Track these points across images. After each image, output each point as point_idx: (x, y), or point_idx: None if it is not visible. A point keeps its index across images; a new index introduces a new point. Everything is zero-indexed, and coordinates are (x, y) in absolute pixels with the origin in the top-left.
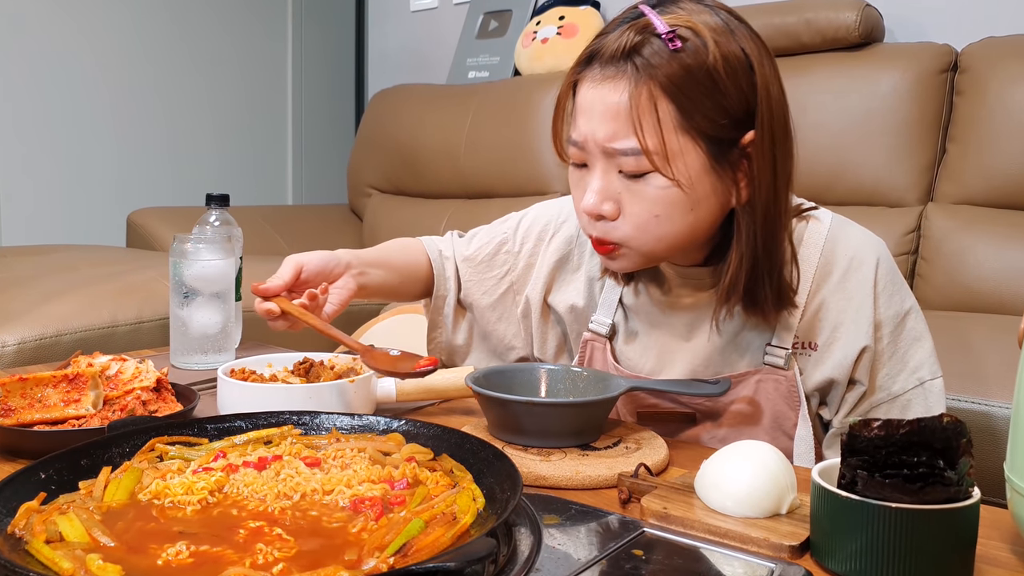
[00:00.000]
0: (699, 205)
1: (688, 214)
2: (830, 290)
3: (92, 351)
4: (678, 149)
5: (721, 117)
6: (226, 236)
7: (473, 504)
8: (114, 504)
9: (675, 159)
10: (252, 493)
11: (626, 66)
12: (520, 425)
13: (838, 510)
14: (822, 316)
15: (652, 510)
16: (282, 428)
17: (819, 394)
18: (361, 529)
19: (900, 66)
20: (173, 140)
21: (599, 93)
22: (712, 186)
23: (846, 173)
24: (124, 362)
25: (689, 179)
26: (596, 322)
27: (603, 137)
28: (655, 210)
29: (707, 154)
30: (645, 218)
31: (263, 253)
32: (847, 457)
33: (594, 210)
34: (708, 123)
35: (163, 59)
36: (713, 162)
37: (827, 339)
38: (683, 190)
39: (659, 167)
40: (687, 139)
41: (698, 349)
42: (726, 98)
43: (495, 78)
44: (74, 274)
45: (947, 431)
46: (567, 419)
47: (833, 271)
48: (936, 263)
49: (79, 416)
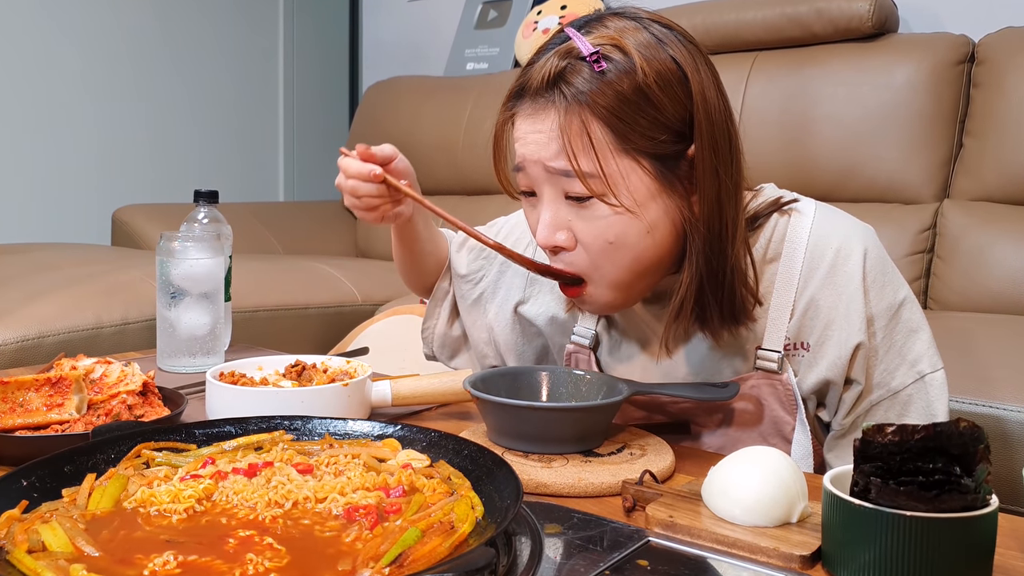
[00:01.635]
0: (655, 228)
1: (644, 237)
2: (818, 287)
3: (76, 353)
4: (618, 172)
5: (659, 133)
6: (215, 234)
7: (471, 512)
8: (99, 512)
9: (617, 184)
10: (242, 501)
11: (553, 95)
12: (521, 430)
13: (851, 519)
14: (812, 315)
15: (657, 519)
16: (273, 434)
17: (816, 396)
18: (355, 539)
19: (915, 57)
20: (160, 134)
21: (532, 125)
22: (663, 206)
23: (859, 169)
24: (109, 365)
25: (635, 203)
26: (578, 333)
27: (545, 156)
28: (608, 236)
29: (652, 173)
30: (600, 245)
31: (253, 252)
32: (860, 464)
33: (547, 242)
34: (647, 141)
35: (149, 51)
36: (661, 181)
37: (819, 338)
38: (632, 214)
39: (599, 194)
40: (628, 161)
41: (688, 355)
42: (662, 113)
43: (494, 70)
44: (57, 273)
45: (964, 436)
46: (569, 424)
47: (819, 267)
48: (953, 262)
49: (62, 421)
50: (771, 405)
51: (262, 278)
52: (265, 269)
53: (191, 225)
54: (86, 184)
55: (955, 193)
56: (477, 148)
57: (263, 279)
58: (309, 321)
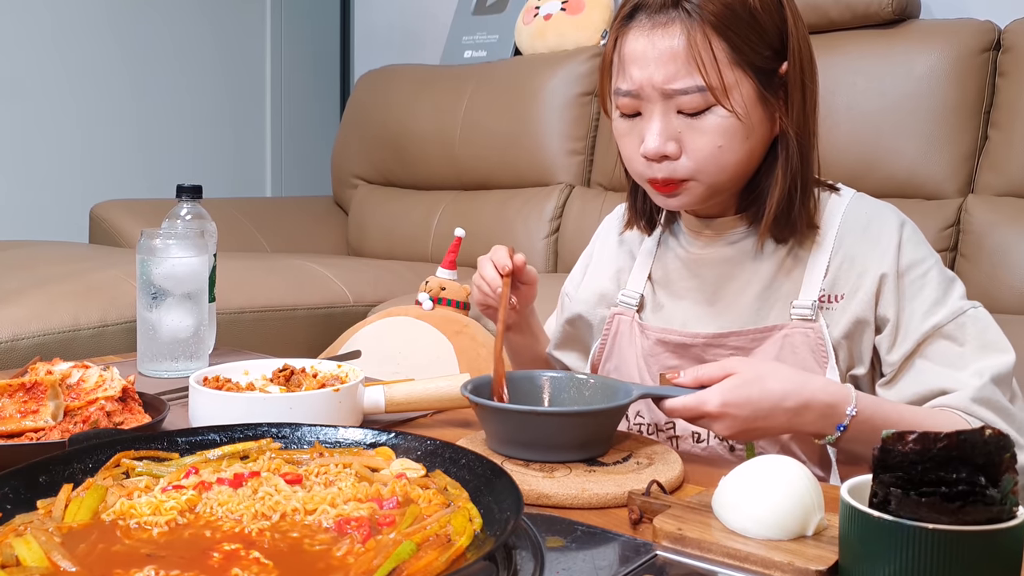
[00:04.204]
0: (753, 133)
1: (745, 142)
2: (854, 241)
3: (51, 357)
4: (734, 82)
5: (764, 49)
6: (199, 231)
7: (469, 525)
8: (76, 525)
9: (732, 92)
10: (227, 513)
11: (676, 12)
12: (522, 437)
13: (870, 531)
14: (847, 267)
15: (665, 531)
16: (260, 442)
17: (847, 344)
18: (347, 552)
19: (938, 45)
20: (140, 125)
21: (652, 40)
22: (762, 114)
23: (878, 162)
24: (87, 369)
25: (745, 109)
26: (625, 295)
27: (662, 80)
28: (718, 141)
29: (756, 84)
30: (709, 151)
31: (239, 250)
32: (879, 473)
33: (658, 151)
34: (755, 55)
35: (128, 38)
36: (762, 91)
37: (853, 286)
38: (740, 120)
39: (721, 100)
40: (740, 72)
41: (729, 304)
42: (765, 32)
43: (493, 58)
44: (31, 272)
45: (989, 445)
46: (573, 430)
47: (854, 227)
48: (977, 261)
49: (37, 429)
50: (802, 356)
51: (248, 278)
52: (251, 268)
53: (173, 222)
54: (62, 178)
55: (980, 188)
56: (475, 140)
57: (249, 279)
58: (298, 323)
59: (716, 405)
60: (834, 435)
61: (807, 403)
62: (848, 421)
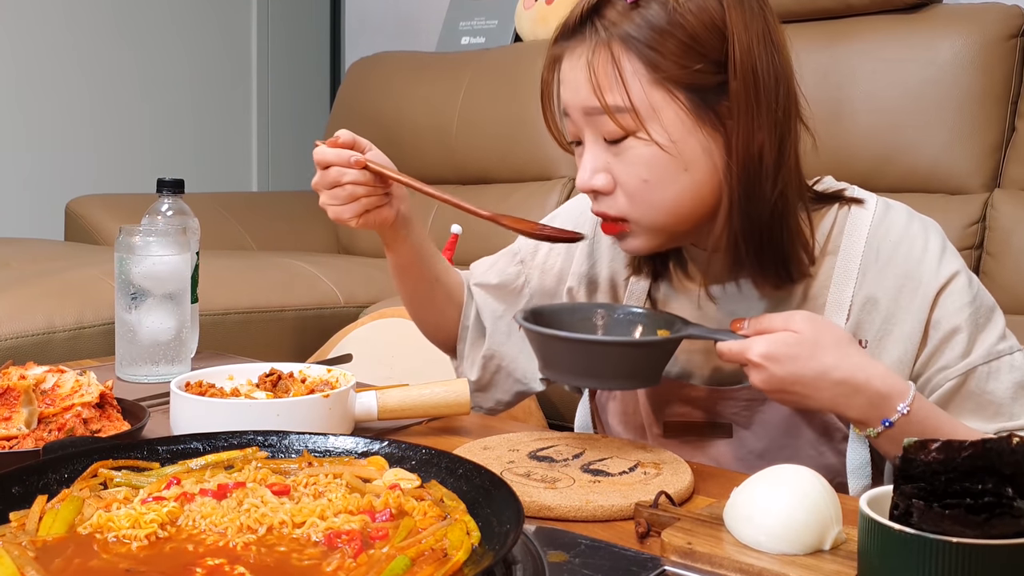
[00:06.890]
0: (693, 165)
1: (681, 175)
2: (877, 275)
3: (25, 361)
4: (650, 106)
5: (693, 61)
6: (180, 228)
7: (467, 539)
8: (50, 539)
9: (649, 118)
10: (210, 526)
11: (584, 30)
12: (579, 365)
13: (891, 545)
14: (870, 310)
15: (674, 546)
16: (245, 450)
17: None
18: (337, 567)
19: (962, 31)
20: (119, 116)
21: (568, 63)
22: (701, 143)
23: (899, 155)
24: (62, 374)
25: (669, 137)
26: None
27: (577, 102)
28: (642, 175)
29: (688, 107)
30: (635, 184)
31: (224, 247)
32: (901, 484)
33: (586, 185)
34: (679, 70)
35: (106, 23)
36: (698, 115)
37: (878, 333)
38: (665, 150)
39: (631, 130)
40: (662, 93)
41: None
42: (696, 39)
43: (492, 45)
44: (3, 272)
45: (1017, 454)
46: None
47: (880, 255)
48: (1004, 259)
49: (9, 437)
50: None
51: (233, 277)
52: (236, 267)
53: (154, 218)
54: (35, 172)
55: (1007, 182)
56: (473, 132)
57: (234, 278)
58: (285, 325)
59: (757, 354)
60: (878, 429)
61: (859, 386)
62: (896, 418)
